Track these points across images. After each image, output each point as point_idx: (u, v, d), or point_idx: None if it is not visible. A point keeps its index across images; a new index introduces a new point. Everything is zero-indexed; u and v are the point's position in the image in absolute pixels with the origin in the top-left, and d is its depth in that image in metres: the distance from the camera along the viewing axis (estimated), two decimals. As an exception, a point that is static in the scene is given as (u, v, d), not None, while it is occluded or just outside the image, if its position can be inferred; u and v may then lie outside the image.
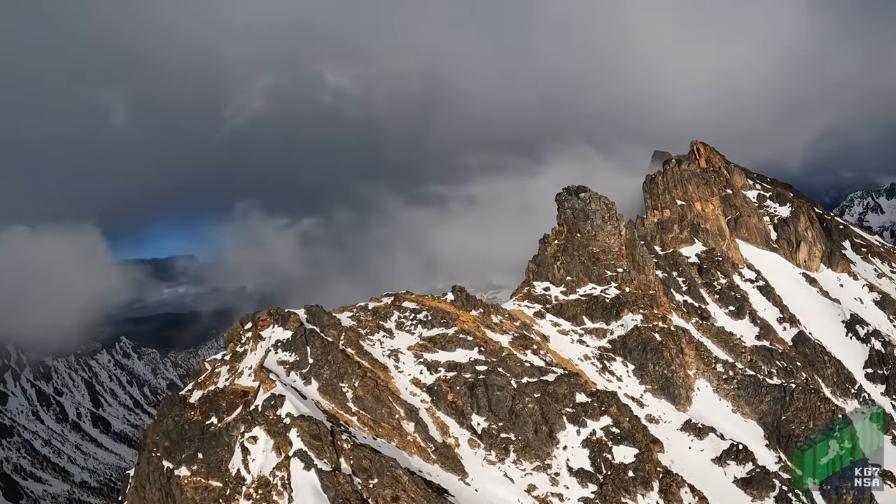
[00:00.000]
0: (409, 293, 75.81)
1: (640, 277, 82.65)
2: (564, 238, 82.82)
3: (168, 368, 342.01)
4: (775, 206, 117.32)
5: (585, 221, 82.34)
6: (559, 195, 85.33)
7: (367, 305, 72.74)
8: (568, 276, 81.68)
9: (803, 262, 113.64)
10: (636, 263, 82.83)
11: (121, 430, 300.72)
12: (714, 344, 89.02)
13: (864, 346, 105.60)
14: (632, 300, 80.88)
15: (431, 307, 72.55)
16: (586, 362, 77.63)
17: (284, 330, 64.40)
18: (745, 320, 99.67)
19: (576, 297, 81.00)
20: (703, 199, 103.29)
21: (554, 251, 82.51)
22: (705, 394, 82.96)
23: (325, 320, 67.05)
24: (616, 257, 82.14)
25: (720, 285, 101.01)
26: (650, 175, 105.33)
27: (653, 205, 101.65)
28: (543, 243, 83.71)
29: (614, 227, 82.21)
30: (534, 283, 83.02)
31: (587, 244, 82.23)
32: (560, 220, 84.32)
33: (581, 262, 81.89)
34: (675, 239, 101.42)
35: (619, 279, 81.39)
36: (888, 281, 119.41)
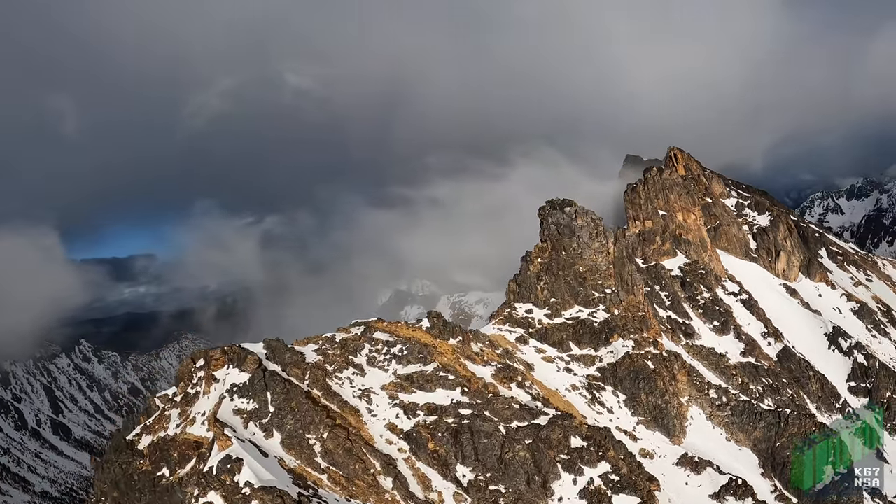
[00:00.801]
0: (380, 321, 65.82)
1: (629, 298, 73.68)
2: (548, 256, 73.39)
3: (129, 372, 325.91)
4: (754, 215, 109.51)
5: (571, 238, 72.99)
6: (542, 209, 75.79)
7: (334, 337, 62.50)
8: (552, 298, 72.32)
9: (782, 272, 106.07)
10: (624, 283, 73.84)
11: (82, 436, 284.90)
12: (705, 367, 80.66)
13: (847, 359, 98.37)
14: (621, 324, 71.86)
15: (406, 338, 62.64)
16: (574, 393, 68.50)
17: (241, 372, 54.10)
18: (730, 336, 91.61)
19: (561, 321, 71.70)
20: (685, 210, 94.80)
21: (537, 270, 73.03)
22: (699, 422, 74.54)
23: (287, 357, 56.80)
24: (604, 277, 73.03)
25: (704, 299, 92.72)
26: (631, 184, 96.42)
27: (634, 215, 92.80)
28: (525, 261, 74.16)
29: (602, 244, 73.03)
30: (515, 304, 73.51)
31: (573, 263, 72.94)
32: (543, 236, 74.82)
33: (567, 282, 72.56)
34: (657, 251, 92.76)
35: (607, 301, 72.31)
36: (864, 289, 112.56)
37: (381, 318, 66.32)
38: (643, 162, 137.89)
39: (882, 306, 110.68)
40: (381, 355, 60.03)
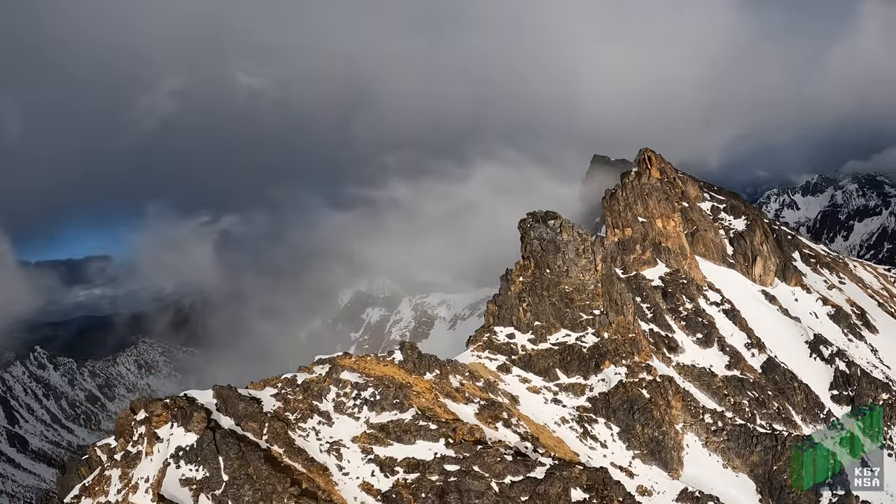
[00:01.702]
0: (346, 356, 55.77)
1: (619, 319, 64.82)
2: (531, 274, 64.00)
3: (86, 379, 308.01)
4: (730, 219, 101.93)
5: (556, 254, 63.71)
6: (523, 222, 66.38)
7: (294, 378, 52.11)
8: (536, 321, 63.05)
9: (759, 278, 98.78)
10: (613, 303, 64.94)
11: (39, 447, 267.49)
12: (697, 388, 72.51)
13: (829, 367, 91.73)
14: (612, 349, 62.97)
15: (377, 377, 52.65)
16: (564, 427, 59.38)
17: (187, 432, 43.57)
18: (714, 348, 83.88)
19: (547, 347, 62.50)
20: (665, 216, 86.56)
21: (519, 290, 63.65)
22: (695, 451, 66.19)
23: (242, 408, 46.40)
24: (592, 297, 63.99)
25: (686, 311, 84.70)
26: (610, 190, 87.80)
27: (613, 223, 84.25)
28: (506, 280, 64.66)
29: (589, 260, 63.91)
30: (495, 328, 64.05)
31: (558, 282, 63.72)
32: (525, 253, 65.33)
33: (552, 303, 63.33)
34: (637, 260, 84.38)
35: (596, 323, 63.31)
36: (838, 292, 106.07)
37: (347, 353, 56.26)
38: (610, 162, 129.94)
39: (856, 309, 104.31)
40: (350, 400, 49.87)
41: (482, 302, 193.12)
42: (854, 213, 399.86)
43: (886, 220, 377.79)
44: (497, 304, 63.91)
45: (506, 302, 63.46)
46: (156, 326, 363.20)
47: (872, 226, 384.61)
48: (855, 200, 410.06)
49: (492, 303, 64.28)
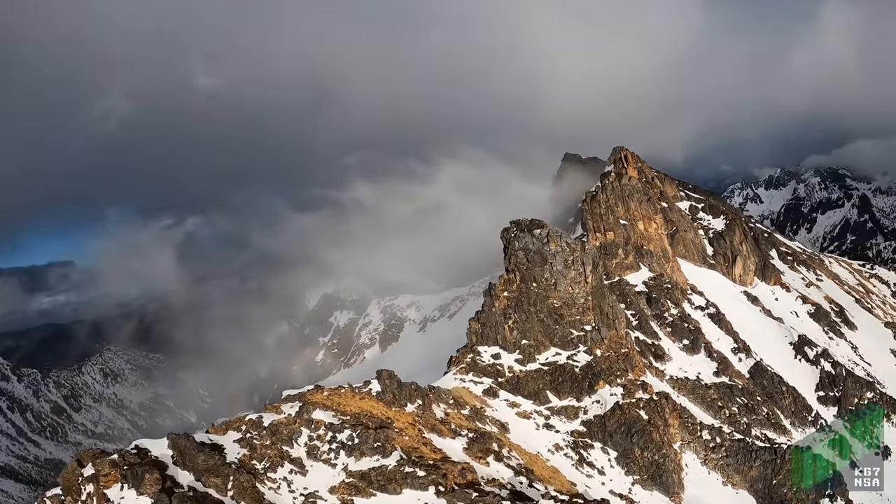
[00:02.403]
0: (318, 390, 48.70)
1: (611, 334, 58.75)
2: (517, 289, 57.50)
3: (51, 390, 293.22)
4: (709, 219, 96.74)
5: (543, 267, 57.30)
6: (507, 232, 59.78)
7: (260, 419, 44.81)
8: (524, 340, 56.61)
9: (739, 277, 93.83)
10: (605, 317, 58.84)
11: (5, 462, 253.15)
12: (692, 402, 66.93)
13: (814, 368, 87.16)
14: (606, 367, 56.86)
15: (354, 414, 45.73)
16: (559, 454, 53.11)
17: (139, 495, 36.25)
18: (701, 354, 78.53)
19: (536, 367, 56.14)
20: (647, 218, 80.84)
21: (504, 306, 57.10)
22: (694, 470, 60.52)
23: (201, 461, 39.10)
24: (582, 311, 57.77)
25: (672, 316, 79.15)
26: (590, 192, 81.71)
27: (595, 226, 78.21)
28: (489, 296, 58.03)
29: (579, 272, 57.62)
30: (479, 348, 57.46)
31: (546, 296, 57.33)
32: (510, 265, 58.70)
33: (540, 319, 56.98)
34: (619, 265, 78.54)
35: (587, 340, 57.11)
36: (816, 290, 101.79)
37: (319, 386, 49.20)
38: (582, 161, 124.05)
39: (834, 306, 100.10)
40: (324, 444, 42.84)
41: (452, 303, 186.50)
42: (817, 205, 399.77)
43: (849, 213, 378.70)
44: (480, 321, 57.32)
45: (490, 319, 56.92)
46: (120, 334, 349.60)
47: (835, 218, 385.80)
48: (817, 193, 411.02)
49: (474, 320, 57.65)
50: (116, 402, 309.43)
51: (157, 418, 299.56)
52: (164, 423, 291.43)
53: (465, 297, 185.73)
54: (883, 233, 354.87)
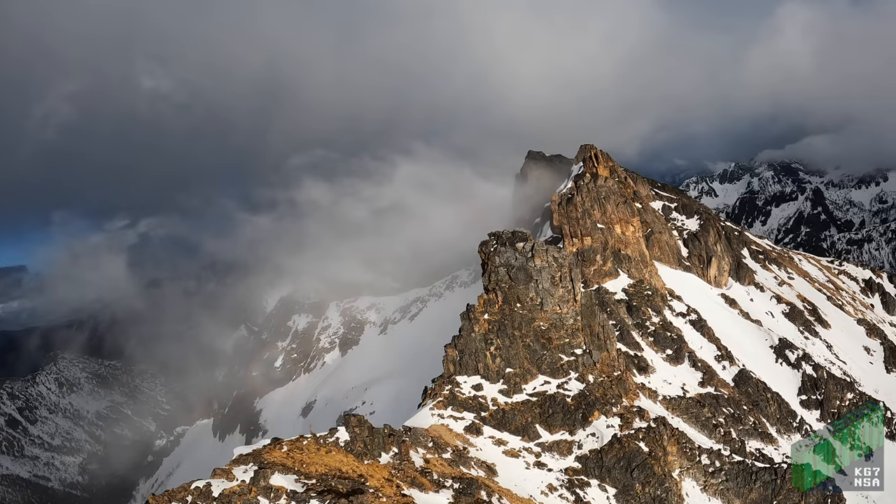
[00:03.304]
0: (276, 445, 39.10)
1: (603, 356, 50.54)
2: (498, 311, 48.85)
3: (5, 402, 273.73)
4: (683, 219, 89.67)
5: (528, 285, 48.76)
6: (485, 246, 51.00)
7: (209, 488, 35.24)
8: (508, 368, 48.02)
9: (714, 279, 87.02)
10: (596, 338, 50.61)
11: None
12: (688, 424, 59.29)
13: (796, 371, 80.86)
14: (600, 394, 48.63)
15: (319, 475, 36.52)
16: (553, 496, 44.74)
17: None
18: (685, 364, 71.24)
19: (523, 399, 47.56)
20: (624, 221, 73.06)
21: (484, 331, 48.37)
22: (694, 498, 52.71)
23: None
24: (571, 333, 49.41)
25: (654, 325, 71.62)
26: (565, 194, 73.55)
27: (571, 231, 70.09)
28: (467, 319, 49.15)
29: (567, 290, 49.23)
30: (457, 378, 48.62)
31: (532, 318, 48.81)
32: (490, 284, 49.91)
33: (525, 344, 48.45)
34: (598, 272, 70.63)
35: (579, 365, 48.80)
36: (788, 288, 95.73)
37: (277, 440, 39.64)
38: (546, 158, 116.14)
39: (808, 305, 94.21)
40: (284, 518, 33.71)
41: (413, 304, 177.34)
42: (771, 198, 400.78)
43: (802, 205, 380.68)
44: (458, 348, 48.47)
45: (469, 345, 48.15)
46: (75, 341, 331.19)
47: (789, 210, 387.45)
48: (771, 187, 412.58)
49: (451, 347, 48.78)
50: (73, 413, 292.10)
51: (116, 428, 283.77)
52: (122, 433, 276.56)
53: (426, 298, 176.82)
54: (836, 224, 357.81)
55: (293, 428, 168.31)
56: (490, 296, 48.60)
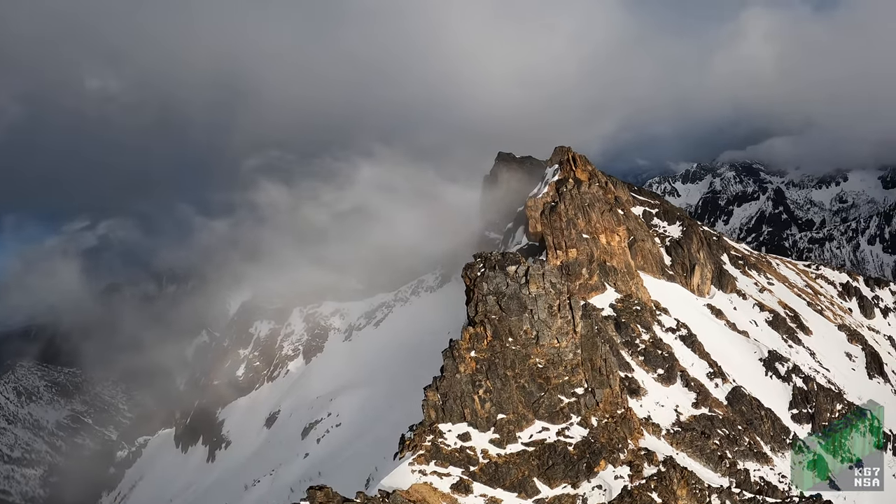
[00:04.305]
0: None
1: (605, 393, 42.21)
2: (487, 346, 40.07)
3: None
4: (664, 225, 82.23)
5: (521, 316, 40.09)
6: (470, 269, 42.04)
7: None
8: (500, 414, 39.26)
9: (697, 287, 79.76)
10: (597, 373, 42.24)
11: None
12: (693, 458, 51.49)
13: (786, 384, 74.19)
14: (606, 440, 40.27)
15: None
16: (557, 566, 36.48)
17: None
18: (678, 384, 63.76)
19: (518, 449, 38.89)
20: (609, 230, 65.05)
21: (471, 371, 39.53)
22: (709, 550, 45.19)
23: None
24: (571, 370, 40.90)
25: (643, 343, 63.81)
26: (549, 203, 65.12)
27: (556, 243, 61.70)
28: (451, 357, 40.16)
29: (566, 320, 40.69)
30: (440, 426, 39.69)
31: (527, 354, 40.15)
32: (477, 315, 40.99)
33: (520, 385, 39.76)
34: (584, 287, 62.48)
35: (581, 408, 40.34)
36: (769, 295, 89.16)
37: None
38: (517, 160, 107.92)
39: (789, 311, 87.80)
40: None
41: (378, 310, 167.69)
42: (733, 198, 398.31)
43: (764, 205, 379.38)
44: (440, 391, 39.51)
45: (453, 388, 39.24)
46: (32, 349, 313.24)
47: (751, 210, 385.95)
48: (733, 187, 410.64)
49: (431, 390, 39.76)
50: (32, 423, 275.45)
51: (76, 438, 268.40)
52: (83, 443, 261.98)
53: (392, 304, 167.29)
54: (797, 224, 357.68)
55: (257, 439, 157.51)
56: (477, 329, 39.73)
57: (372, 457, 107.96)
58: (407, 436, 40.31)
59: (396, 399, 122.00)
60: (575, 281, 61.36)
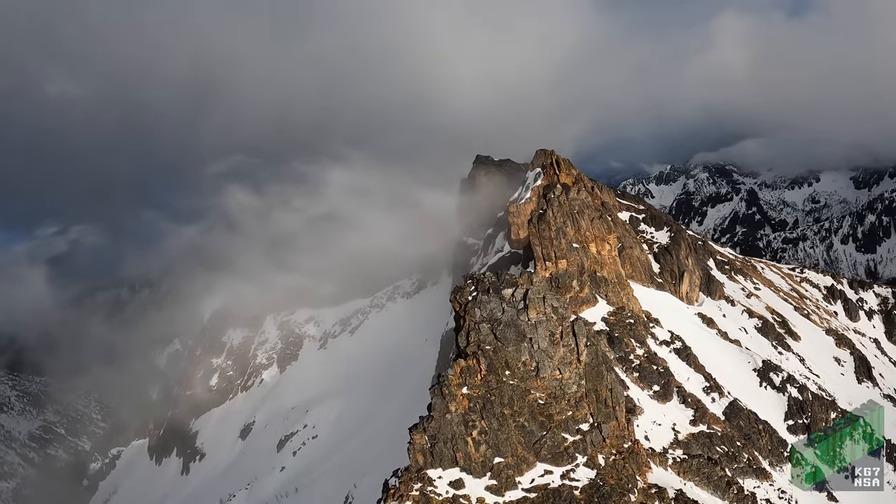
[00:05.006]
0: None
1: (612, 426, 36.78)
2: (482, 382, 34.39)
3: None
4: (652, 231, 77.33)
5: (520, 346, 34.51)
6: (460, 293, 36.22)
7: None
8: (497, 457, 33.57)
9: (685, 295, 75.05)
10: (603, 404, 36.78)
11: None
12: (700, 487, 46.40)
13: (781, 395, 69.62)
14: (615, 480, 34.85)
15: None
16: None
17: None
18: (674, 401, 58.61)
19: (519, 496, 33.24)
20: (599, 239, 59.80)
21: (464, 410, 33.84)
22: None
23: None
24: (575, 403, 35.38)
25: (638, 358, 58.62)
26: (537, 211, 59.60)
27: (545, 254, 56.20)
28: (440, 395, 34.35)
29: (570, 349, 35.19)
30: (429, 472, 33.87)
31: (526, 389, 34.58)
32: (469, 346, 35.25)
33: (519, 425, 34.13)
34: (574, 300, 57.12)
35: (587, 446, 34.84)
36: (757, 300, 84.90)
37: None
38: (496, 164, 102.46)
39: (777, 317, 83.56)
40: None
41: (353, 316, 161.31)
42: (707, 199, 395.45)
43: (737, 206, 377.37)
44: (428, 433, 33.74)
45: (444, 430, 33.48)
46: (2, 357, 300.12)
47: (725, 211, 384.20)
48: (706, 188, 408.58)
49: (418, 433, 33.97)
50: (4, 434, 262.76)
51: (49, 449, 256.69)
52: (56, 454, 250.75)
53: (367, 310, 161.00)
54: (770, 224, 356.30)
55: (232, 451, 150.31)
56: (470, 362, 33.96)
57: (350, 472, 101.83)
58: (391, 483, 34.43)
59: (372, 411, 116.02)
60: (565, 294, 55.96)
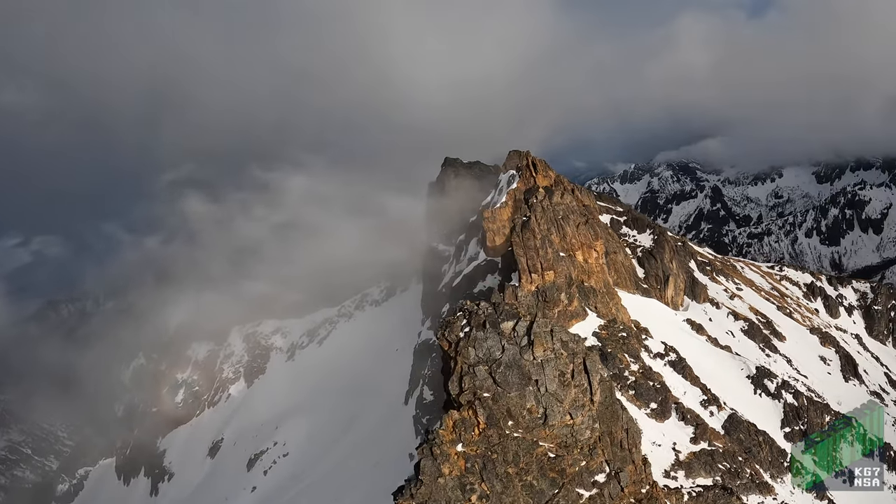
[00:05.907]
0: None
1: (630, 470, 30.16)
2: (481, 437, 27.43)
3: None
4: (635, 234, 71.39)
5: (524, 389, 27.60)
6: (448, 329, 29.12)
7: None
8: (500, 524, 26.76)
9: (671, 300, 69.34)
10: (619, 447, 30.14)
11: None
12: (719, 526, 40.28)
13: (777, 402, 64.35)
14: (639, 542, 28.26)
15: None
16: None
17: None
18: (673, 419, 52.65)
19: (527, 573, 26.46)
20: (586, 246, 53.39)
21: (460, 472, 26.81)
22: None
23: None
24: (588, 451, 28.66)
25: (633, 375, 52.44)
26: (521, 218, 52.89)
27: (530, 266, 49.44)
28: (430, 455, 27.28)
29: (582, 389, 28.47)
30: (417, 544, 26.79)
31: (533, 441, 27.76)
32: (463, 394, 28.19)
33: (526, 484, 27.28)
34: (563, 314, 50.57)
35: (605, 499, 28.15)
36: (740, 301, 79.79)
37: None
38: (464, 166, 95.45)
39: (761, 317, 78.61)
40: None
41: (321, 327, 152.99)
42: (672, 197, 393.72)
43: (702, 203, 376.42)
44: (417, 500, 26.73)
45: (435, 496, 26.43)
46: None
47: (689, 208, 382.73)
48: (671, 186, 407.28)
49: (405, 501, 26.97)
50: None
51: (16, 470, 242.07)
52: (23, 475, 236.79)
53: (335, 319, 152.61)
54: (735, 220, 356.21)
55: (201, 470, 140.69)
56: (464, 414, 26.89)
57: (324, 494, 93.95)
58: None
59: (344, 426, 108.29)
60: (553, 308, 49.35)
